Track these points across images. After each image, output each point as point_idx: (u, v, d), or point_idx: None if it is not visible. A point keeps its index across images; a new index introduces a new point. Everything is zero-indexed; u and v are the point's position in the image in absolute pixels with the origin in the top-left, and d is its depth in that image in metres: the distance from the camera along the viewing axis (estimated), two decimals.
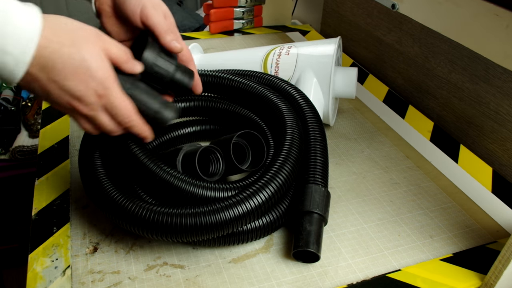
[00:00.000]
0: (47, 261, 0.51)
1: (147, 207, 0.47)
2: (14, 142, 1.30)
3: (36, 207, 0.58)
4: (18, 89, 1.45)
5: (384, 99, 0.88)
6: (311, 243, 0.49)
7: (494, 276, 0.48)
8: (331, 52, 0.70)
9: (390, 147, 0.73)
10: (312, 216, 0.52)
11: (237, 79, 0.63)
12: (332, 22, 1.18)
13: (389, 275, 0.51)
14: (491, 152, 0.74)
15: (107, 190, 0.49)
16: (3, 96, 1.36)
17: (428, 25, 0.71)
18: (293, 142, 0.54)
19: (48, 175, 0.64)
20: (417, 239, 0.56)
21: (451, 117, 0.81)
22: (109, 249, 0.53)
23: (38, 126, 1.32)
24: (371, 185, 0.65)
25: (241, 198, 0.48)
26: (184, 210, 0.46)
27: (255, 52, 0.78)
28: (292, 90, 0.64)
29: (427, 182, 0.66)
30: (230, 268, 0.51)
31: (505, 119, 0.70)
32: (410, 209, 0.61)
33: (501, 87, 0.70)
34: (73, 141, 0.71)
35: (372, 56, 1.02)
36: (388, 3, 0.77)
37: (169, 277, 0.50)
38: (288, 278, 0.50)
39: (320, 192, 0.53)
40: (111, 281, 0.49)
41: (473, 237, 0.57)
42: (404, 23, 0.89)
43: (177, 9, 1.80)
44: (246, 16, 1.14)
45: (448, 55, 0.79)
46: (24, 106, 1.38)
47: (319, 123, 0.60)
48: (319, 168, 0.55)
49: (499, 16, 0.59)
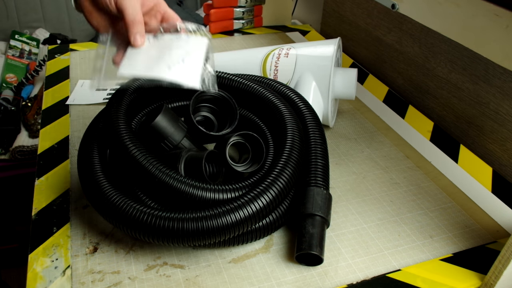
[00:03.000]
0: (47, 261, 0.51)
1: (147, 211, 0.47)
2: (14, 142, 1.30)
3: (36, 207, 0.58)
4: (18, 89, 1.45)
5: (384, 99, 0.88)
6: (314, 246, 0.49)
7: (494, 276, 0.48)
8: (330, 54, 0.70)
9: (390, 147, 0.73)
10: (315, 219, 0.52)
11: (238, 79, 0.63)
12: (332, 22, 1.18)
13: (389, 275, 0.51)
14: (491, 152, 0.74)
15: (107, 194, 0.49)
16: (3, 96, 1.36)
17: (428, 25, 0.71)
18: (294, 144, 0.54)
19: (48, 175, 0.64)
20: (417, 239, 0.56)
21: (451, 117, 0.81)
22: (109, 249, 0.53)
23: (38, 126, 1.31)
24: (371, 185, 0.65)
25: (242, 203, 0.47)
26: (185, 215, 0.46)
27: (254, 53, 0.77)
28: (291, 93, 0.64)
29: (427, 182, 0.66)
30: (230, 268, 0.51)
31: (505, 119, 0.70)
32: (410, 209, 0.61)
33: (501, 87, 0.70)
34: (73, 141, 0.71)
35: (372, 56, 1.02)
36: (388, 3, 0.77)
37: (169, 277, 0.50)
38: (288, 278, 0.50)
39: (322, 194, 0.53)
40: (111, 281, 0.49)
41: (473, 237, 0.57)
42: (404, 23, 0.89)
43: (177, 9, 1.80)
44: (246, 16, 1.14)
45: (448, 55, 0.79)
46: (24, 106, 1.38)
47: (319, 126, 0.60)
48: (320, 170, 0.55)
49: (499, 16, 0.59)
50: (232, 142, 0.56)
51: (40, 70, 1.45)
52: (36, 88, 1.50)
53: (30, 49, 1.70)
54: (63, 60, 0.96)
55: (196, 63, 0.52)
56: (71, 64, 0.94)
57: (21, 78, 1.49)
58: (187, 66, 0.52)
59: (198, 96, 0.58)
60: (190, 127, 0.55)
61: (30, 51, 1.69)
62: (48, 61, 0.95)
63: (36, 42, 1.73)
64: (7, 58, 1.62)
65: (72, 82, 0.87)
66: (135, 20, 0.50)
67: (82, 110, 0.79)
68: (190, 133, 0.56)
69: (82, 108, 0.80)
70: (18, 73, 1.60)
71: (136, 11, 0.49)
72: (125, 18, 0.49)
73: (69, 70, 0.92)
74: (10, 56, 1.63)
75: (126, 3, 0.49)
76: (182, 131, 0.54)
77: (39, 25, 1.85)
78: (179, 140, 0.54)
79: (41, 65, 1.43)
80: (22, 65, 1.64)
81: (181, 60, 0.52)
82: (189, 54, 0.53)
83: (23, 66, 1.64)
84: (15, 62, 1.63)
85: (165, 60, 0.51)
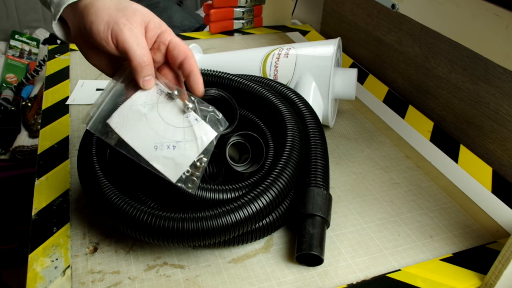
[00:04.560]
0: (47, 261, 0.51)
1: (147, 211, 0.47)
2: (14, 142, 1.30)
3: (36, 207, 0.58)
4: (18, 89, 1.45)
5: (384, 99, 0.88)
6: (314, 246, 0.49)
7: (494, 276, 0.48)
8: (330, 54, 0.70)
9: (390, 147, 0.73)
10: (315, 219, 0.52)
11: (238, 79, 0.63)
12: (332, 22, 1.18)
13: (389, 275, 0.51)
14: (491, 152, 0.74)
15: (107, 194, 0.49)
16: (3, 96, 1.36)
17: (428, 25, 0.71)
18: (294, 144, 0.54)
19: (48, 175, 0.64)
20: (417, 239, 0.56)
21: (451, 117, 0.81)
22: (109, 249, 0.53)
23: (38, 126, 1.32)
24: (371, 185, 0.65)
25: (242, 203, 0.47)
26: (185, 215, 0.46)
27: (254, 54, 0.77)
28: (291, 93, 0.64)
29: (427, 182, 0.66)
30: (230, 268, 0.51)
31: (505, 119, 0.70)
32: (410, 209, 0.61)
33: (501, 87, 0.70)
34: (73, 141, 0.71)
35: (372, 56, 1.02)
36: (388, 3, 0.77)
37: (169, 277, 0.50)
38: (288, 278, 0.50)
39: (322, 195, 0.53)
40: (111, 281, 0.49)
41: (473, 237, 0.57)
42: (404, 23, 0.89)
43: (177, 9, 1.80)
44: (246, 16, 1.14)
45: (448, 55, 0.79)
46: (24, 106, 1.38)
47: (319, 126, 0.60)
48: (320, 170, 0.55)
49: (499, 16, 0.59)
50: (232, 142, 0.56)
51: (40, 70, 1.45)
52: (36, 88, 1.50)
53: (30, 49, 1.70)
54: (63, 60, 0.96)
55: (185, 158, 0.45)
56: (71, 64, 0.94)
57: (21, 78, 1.49)
58: (174, 157, 0.45)
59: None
60: None
61: (30, 51, 1.69)
62: (48, 61, 0.95)
63: (36, 42, 1.73)
64: (7, 58, 1.62)
65: (72, 82, 0.87)
66: (144, 62, 0.43)
67: (82, 110, 0.79)
68: None
69: (82, 108, 0.80)
70: (18, 73, 1.60)
71: (143, 51, 0.43)
72: (132, 60, 0.43)
73: (69, 70, 0.92)
74: (10, 56, 1.63)
75: (130, 41, 0.42)
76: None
77: (39, 25, 1.85)
78: None
79: (41, 65, 1.43)
80: (22, 65, 1.64)
81: (171, 146, 0.45)
82: (184, 144, 0.46)
83: (23, 66, 1.64)
84: (15, 62, 1.63)
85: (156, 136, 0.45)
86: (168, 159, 0.45)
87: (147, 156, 0.45)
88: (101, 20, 0.42)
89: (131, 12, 0.43)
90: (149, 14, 0.45)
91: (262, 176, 0.51)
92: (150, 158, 0.45)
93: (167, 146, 0.45)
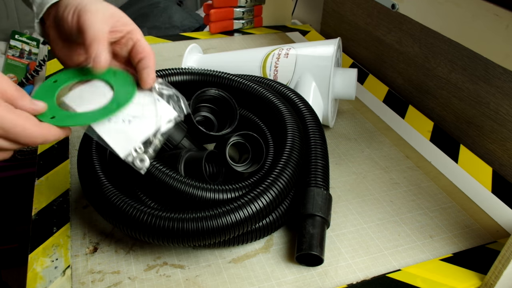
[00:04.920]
0: (47, 261, 0.51)
1: (147, 211, 0.47)
2: None
3: (36, 207, 0.58)
4: None
5: (384, 99, 0.88)
6: (314, 246, 0.49)
7: (494, 276, 0.48)
8: (330, 54, 0.70)
9: (390, 147, 0.73)
10: (315, 219, 0.52)
11: (238, 79, 0.63)
12: (332, 22, 1.18)
13: (389, 275, 0.51)
14: (491, 152, 0.74)
15: (107, 194, 0.49)
16: None
17: (428, 25, 0.71)
18: (294, 144, 0.54)
19: (48, 175, 0.64)
20: (417, 239, 0.56)
21: (451, 117, 0.81)
22: (109, 249, 0.53)
23: None
24: (371, 185, 0.65)
25: (242, 203, 0.47)
26: (185, 215, 0.46)
27: (254, 54, 0.77)
28: (291, 94, 0.64)
29: (427, 182, 0.66)
30: (230, 268, 0.51)
31: (505, 119, 0.70)
32: (410, 209, 0.61)
33: (501, 87, 0.70)
34: (73, 141, 0.71)
35: (372, 56, 1.02)
36: (388, 3, 0.77)
37: (169, 277, 0.50)
38: (288, 278, 0.50)
39: (322, 195, 0.53)
40: (111, 281, 0.49)
41: (473, 237, 0.57)
42: (404, 23, 0.89)
43: (177, 9, 1.80)
44: (246, 16, 1.14)
45: (448, 55, 0.79)
46: None
47: (319, 126, 0.60)
48: (320, 170, 0.55)
49: (499, 16, 0.59)
50: (232, 142, 0.56)
51: (40, 70, 1.45)
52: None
53: (30, 49, 1.70)
54: None
55: (139, 133, 0.44)
56: None
57: (21, 78, 1.49)
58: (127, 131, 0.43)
59: (198, 96, 0.58)
60: (190, 127, 0.55)
61: (30, 51, 1.69)
62: (48, 61, 0.95)
63: (36, 42, 1.73)
64: (7, 58, 1.62)
65: None
66: (97, 37, 0.43)
67: None
68: (190, 133, 0.56)
69: None
70: (18, 73, 1.60)
71: (99, 29, 0.43)
72: (85, 36, 0.43)
73: None
74: (10, 56, 1.63)
75: (89, 19, 0.43)
76: (182, 131, 0.54)
77: None
78: (179, 140, 0.54)
79: (41, 65, 1.42)
80: (22, 65, 1.64)
81: (127, 120, 0.44)
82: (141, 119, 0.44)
83: (23, 66, 1.64)
84: (15, 62, 1.63)
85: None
86: (120, 133, 0.43)
87: (99, 128, 0.43)
88: (72, 5, 0.45)
89: (104, 5, 0.45)
90: (122, 13, 0.47)
91: (262, 176, 0.51)
92: (101, 130, 0.43)
93: (122, 120, 0.44)
